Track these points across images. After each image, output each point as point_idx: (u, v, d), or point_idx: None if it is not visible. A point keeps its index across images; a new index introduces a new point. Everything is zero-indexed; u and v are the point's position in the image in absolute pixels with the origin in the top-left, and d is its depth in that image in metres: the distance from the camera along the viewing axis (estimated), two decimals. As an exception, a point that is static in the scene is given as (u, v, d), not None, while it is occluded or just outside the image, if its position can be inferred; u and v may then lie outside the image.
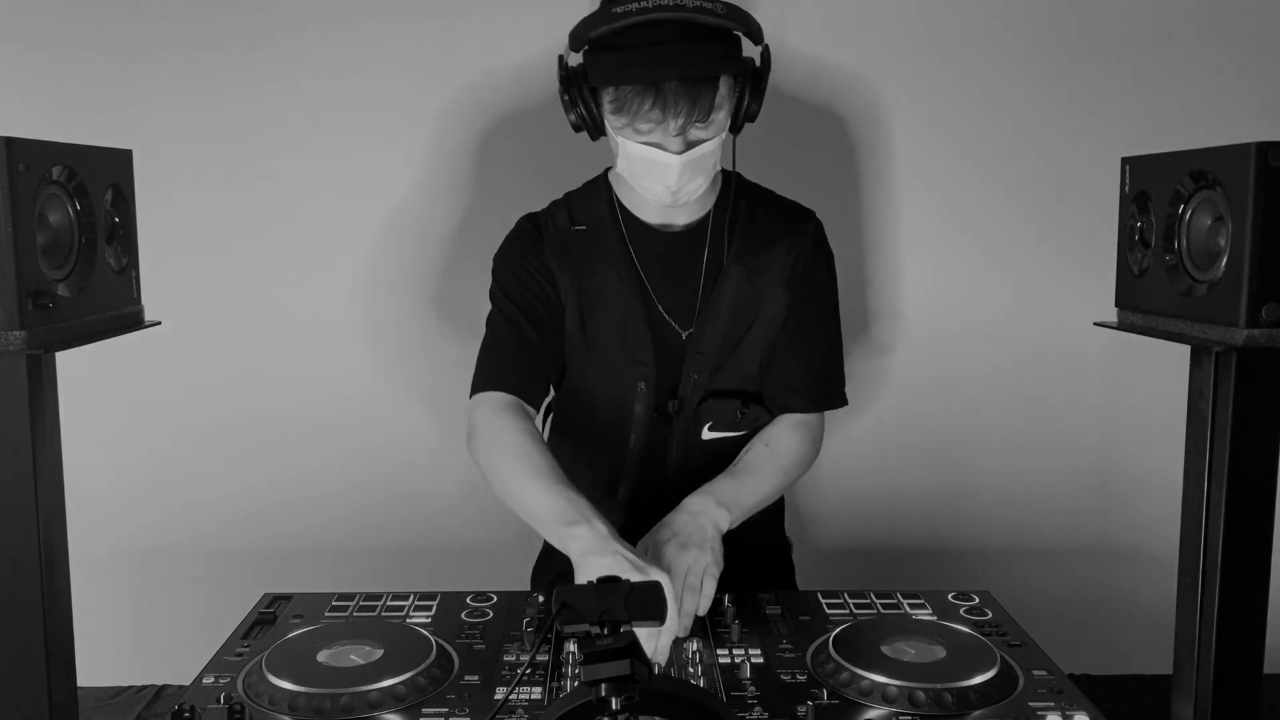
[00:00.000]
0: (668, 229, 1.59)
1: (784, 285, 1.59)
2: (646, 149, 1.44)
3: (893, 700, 1.18)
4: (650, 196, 1.52)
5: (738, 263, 1.57)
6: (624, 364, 1.58)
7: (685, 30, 1.37)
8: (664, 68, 1.37)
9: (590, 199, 1.63)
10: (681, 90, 1.38)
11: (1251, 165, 0.95)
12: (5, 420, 1.01)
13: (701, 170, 1.47)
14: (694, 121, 1.41)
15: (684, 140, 1.43)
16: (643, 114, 1.40)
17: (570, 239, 1.59)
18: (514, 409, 1.51)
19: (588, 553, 1.29)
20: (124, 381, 2.07)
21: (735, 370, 1.60)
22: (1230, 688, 1.06)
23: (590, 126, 1.49)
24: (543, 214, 1.64)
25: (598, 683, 0.91)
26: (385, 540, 2.15)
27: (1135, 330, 1.15)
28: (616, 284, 1.57)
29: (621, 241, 1.59)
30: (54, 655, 1.05)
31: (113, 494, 2.11)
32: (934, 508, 2.17)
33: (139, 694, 1.57)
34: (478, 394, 1.55)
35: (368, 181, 2.05)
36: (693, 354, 1.58)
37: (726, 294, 1.57)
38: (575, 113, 1.48)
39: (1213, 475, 1.05)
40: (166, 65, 2.00)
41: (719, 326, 1.57)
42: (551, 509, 1.36)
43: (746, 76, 1.48)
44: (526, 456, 1.43)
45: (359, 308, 2.09)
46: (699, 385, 1.59)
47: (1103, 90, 2.03)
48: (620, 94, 1.41)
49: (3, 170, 0.94)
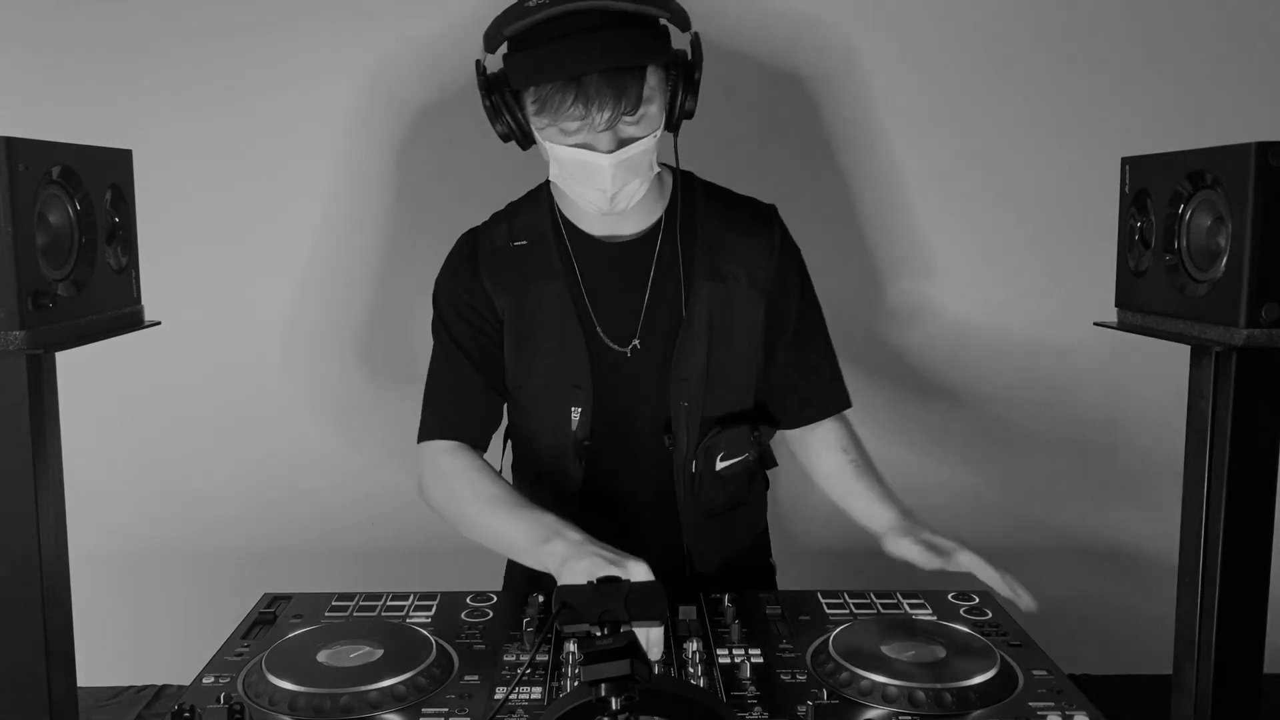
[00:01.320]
0: (614, 239, 1.51)
1: (760, 291, 1.52)
2: (575, 151, 1.35)
3: (893, 700, 1.17)
4: (586, 205, 1.43)
5: (704, 276, 1.50)
6: (559, 387, 1.51)
7: (603, 19, 1.28)
8: (584, 59, 1.28)
9: (532, 211, 1.55)
10: (604, 82, 1.28)
11: (1251, 165, 0.95)
12: (5, 420, 1.01)
13: (636, 172, 1.38)
14: (621, 115, 1.32)
15: (613, 137, 1.34)
16: (565, 112, 1.31)
17: (508, 256, 1.51)
18: (457, 450, 1.50)
19: (565, 560, 1.28)
20: (124, 381, 2.07)
21: (726, 392, 1.54)
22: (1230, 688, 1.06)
23: (519, 135, 1.40)
24: (482, 230, 1.57)
25: (598, 683, 0.91)
26: (385, 540, 2.15)
27: (1135, 330, 1.15)
28: (554, 302, 1.49)
29: (564, 256, 1.51)
30: (54, 655, 1.05)
31: (113, 494, 2.11)
32: (934, 508, 2.16)
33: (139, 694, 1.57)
34: (422, 443, 1.53)
35: (368, 181, 2.05)
36: (676, 381, 1.50)
37: (700, 311, 1.49)
38: (501, 121, 1.39)
39: (1213, 475, 1.05)
40: (166, 66, 2.00)
41: (698, 348, 1.50)
42: (521, 534, 1.36)
43: (678, 68, 1.38)
44: (480, 493, 1.43)
45: (358, 307, 2.09)
46: (693, 414, 1.52)
47: (1103, 90, 2.03)
48: (541, 93, 1.32)
49: (3, 170, 0.94)
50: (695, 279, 1.50)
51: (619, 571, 1.19)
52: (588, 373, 1.50)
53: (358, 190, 2.05)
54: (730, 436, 1.54)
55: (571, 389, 1.51)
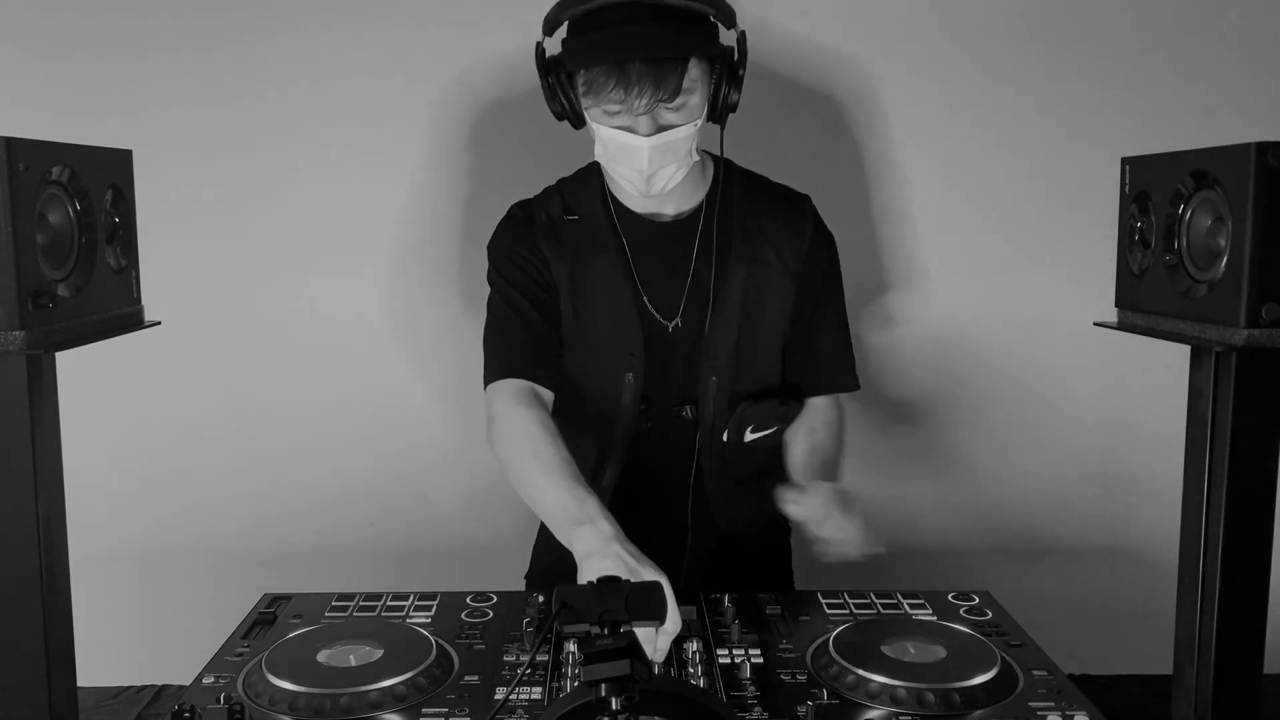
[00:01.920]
0: (657, 218, 1.58)
1: (789, 276, 1.58)
2: (616, 133, 1.43)
3: (894, 700, 1.18)
4: (624, 183, 1.51)
5: (740, 259, 1.56)
6: (614, 354, 1.57)
7: (651, 12, 1.37)
8: (628, 48, 1.37)
9: (582, 188, 1.62)
10: (646, 70, 1.37)
11: (1251, 165, 0.95)
12: (5, 420, 1.01)
13: (673, 157, 1.45)
14: (659, 102, 1.39)
15: (652, 122, 1.41)
16: (607, 95, 1.39)
17: (563, 228, 1.59)
18: (529, 398, 1.51)
19: (589, 554, 1.29)
20: (124, 381, 2.07)
21: (755, 369, 1.60)
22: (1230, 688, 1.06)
23: (571, 115, 1.49)
24: (535, 201, 1.63)
25: (598, 683, 0.91)
26: (385, 540, 2.15)
27: (1135, 330, 1.15)
28: (609, 274, 1.56)
29: (613, 231, 1.58)
30: (54, 655, 1.05)
31: (113, 494, 2.11)
32: (934, 508, 2.17)
33: (139, 694, 1.57)
34: (493, 383, 1.55)
35: (367, 181, 2.05)
36: (708, 358, 1.57)
37: (733, 292, 1.56)
38: (556, 101, 1.48)
39: (1213, 475, 1.05)
40: (166, 65, 2.00)
41: (730, 326, 1.57)
42: (560, 507, 1.36)
43: (722, 63, 1.45)
44: (539, 452, 1.43)
45: (358, 308, 2.09)
46: (722, 389, 1.58)
47: (1103, 90, 2.03)
48: (589, 76, 1.41)
49: (3, 170, 0.94)
50: (731, 260, 1.56)
51: (633, 578, 1.19)
52: (640, 342, 1.56)
53: (358, 190, 2.05)
54: (758, 410, 1.60)
55: (626, 356, 1.56)
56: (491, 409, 1.53)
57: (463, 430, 2.10)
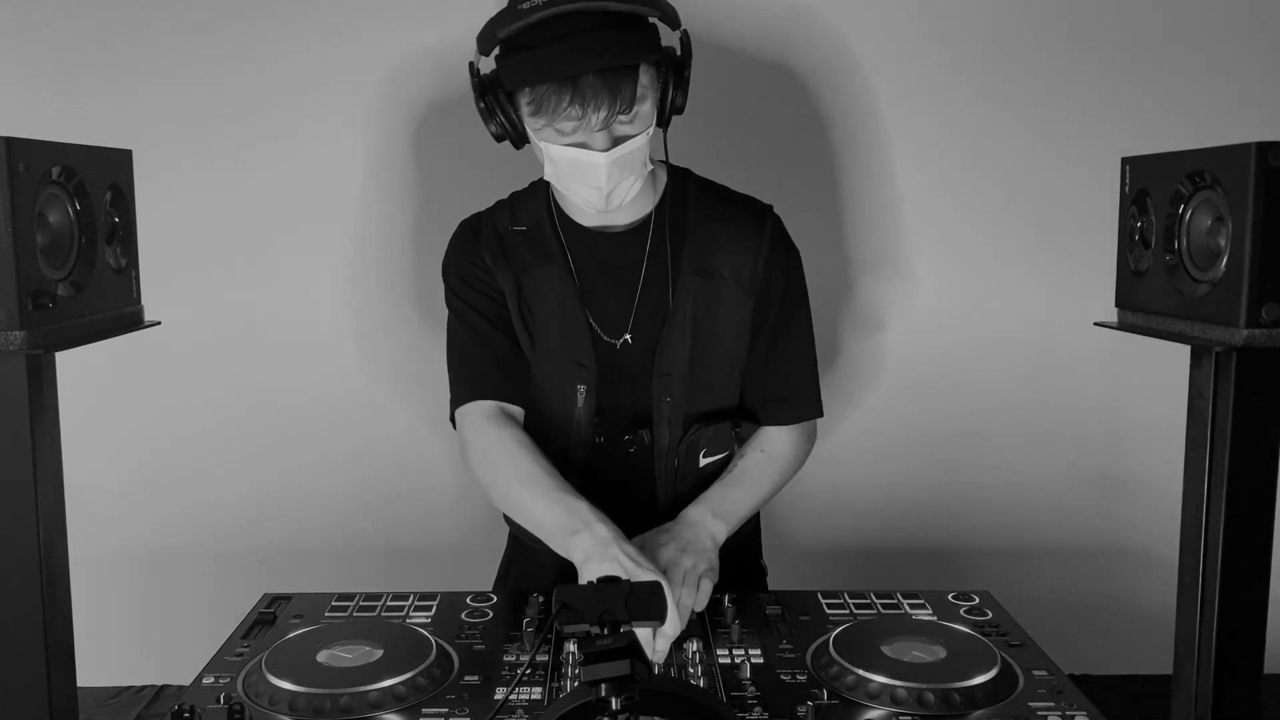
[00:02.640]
0: (606, 230, 1.53)
1: (746, 291, 1.51)
2: (571, 150, 1.37)
3: (894, 701, 1.17)
4: (581, 203, 1.45)
5: (692, 273, 1.50)
6: (563, 366, 1.52)
7: (597, 20, 1.30)
8: (579, 60, 1.29)
9: (531, 200, 1.57)
10: (600, 83, 1.30)
11: (1251, 165, 0.95)
12: (5, 420, 1.01)
13: (631, 169, 1.40)
14: (616, 115, 1.33)
15: (609, 136, 1.36)
16: (562, 112, 1.32)
17: (509, 239, 1.54)
18: (498, 417, 1.50)
19: (588, 559, 1.29)
20: (124, 381, 2.07)
21: (709, 389, 1.54)
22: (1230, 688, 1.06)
23: (513, 135, 1.42)
24: (484, 214, 1.59)
25: (598, 683, 0.91)
26: (385, 540, 2.15)
27: (1135, 330, 1.15)
28: (555, 285, 1.51)
29: (559, 244, 1.53)
30: (54, 655, 1.05)
31: (113, 494, 2.11)
32: (934, 508, 2.17)
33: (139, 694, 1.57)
34: (460, 407, 1.53)
35: (366, 181, 2.05)
36: (660, 376, 1.51)
37: (685, 309, 1.50)
38: (495, 122, 1.41)
39: (1213, 475, 1.05)
40: (167, 65, 2.00)
41: (682, 344, 1.50)
42: (552, 520, 1.36)
43: (668, 65, 1.39)
44: (519, 468, 1.43)
45: (359, 308, 2.09)
46: (676, 409, 1.52)
47: (1103, 90, 2.03)
48: (537, 94, 1.33)
49: (3, 170, 0.94)
50: (682, 274, 1.51)
51: (638, 578, 1.20)
52: (591, 351, 1.51)
53: (359, 190, 2.05)
54: (712, 433, 1.55)
55: (576, 368, 1.52)
56: (463, 434, 1.52)
57: (463, 430, 2.10)
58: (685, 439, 1.54)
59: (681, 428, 1.54)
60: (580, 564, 1.31)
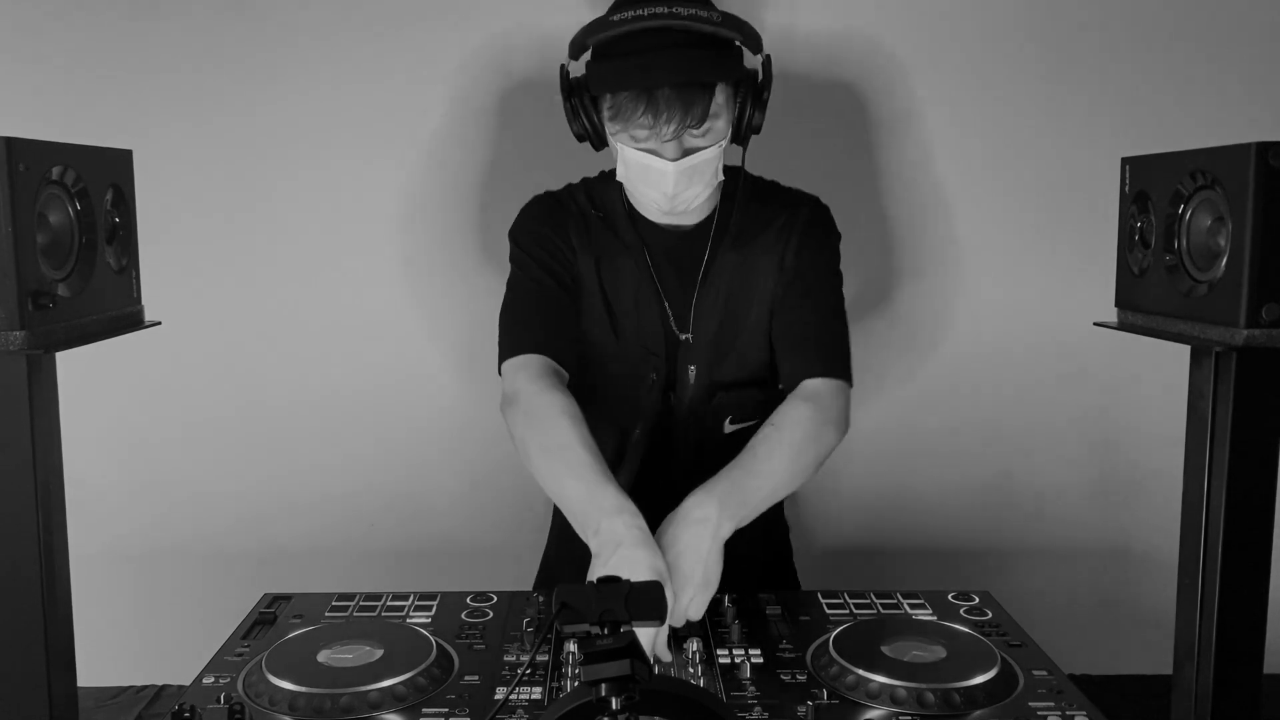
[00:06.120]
0: (676, 228, 1.59)
1: (777, 266, 1.58)
2: (642, 155, 1.45)
3: (894, 700, 1.18)
4: (648, 204, 1.53)
5: (732, 250, 1.57)
6: (638, 353, 1.58)
7: (680, 38, 1.39)
8: (656, 74, 1.38)
9: (606, 190, 1.61)
10: (674, 96, 1.38)
11: (1251, 165, 0.95)
12: (5, 420, 1.01)
13: (699, 179, 1.47)
14: (687, 128, 1.41)
15: (679, 147, 1.44)
16: (635, 120, 1.41)
17: (591, 221, 1.60)
18: (550, 375, 1.47)
19: (596, 555, 1.26)
20: (124, 381, 2.07)
21: (739, 360, 1.59)
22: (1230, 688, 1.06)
23: (593, 136, 1.50)
24: (561, 194, 1.64)
25: (598, 683, 0.91)
26: (385, 540, 2.15)
27: (1135, 330, 1.15)
28: (633, 273, 1.57)
29: (634, 235, 1.58)
30: (54, 655, 1.05)
31: (113, 494, 2.11)
32: (934, 508, 2.17)
33: (139, 694, 1.57)
34: (511, 359, 1.50)
35: (367, 181, 2.05)
36: (685, 346, 1.57)
37: (721, 283, 1.57)
38: (578, 123, 1.50)
39: (1213, 475, 1.05)
40: (167, 65, 2.00)
41: (713, 316, 1.57)
42: (578, 503, 1.32)
43: (747, 86, 1.47)
44: (559, 437, 1.38)
45: (358, 308, 2.09)
46: (700, 378, 1.58)
47: (1103, 90, 2.03)
48: (616, 101, 1.43)
49: (3, 170, 0.94)
50: (724, 253, 1.57)
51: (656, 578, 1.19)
52: (662, 341, 1.57)
53: (360, 190, 2.05)
54: (735, 399, 1.59)
55: (650, 356, 1.57)
56: (513, 385, 1.47)
57: (464, 431, 2.10)
58: (710, 405, 1.58)
59: (708, 395, 1.58)
60: (595, 552, 1.27)
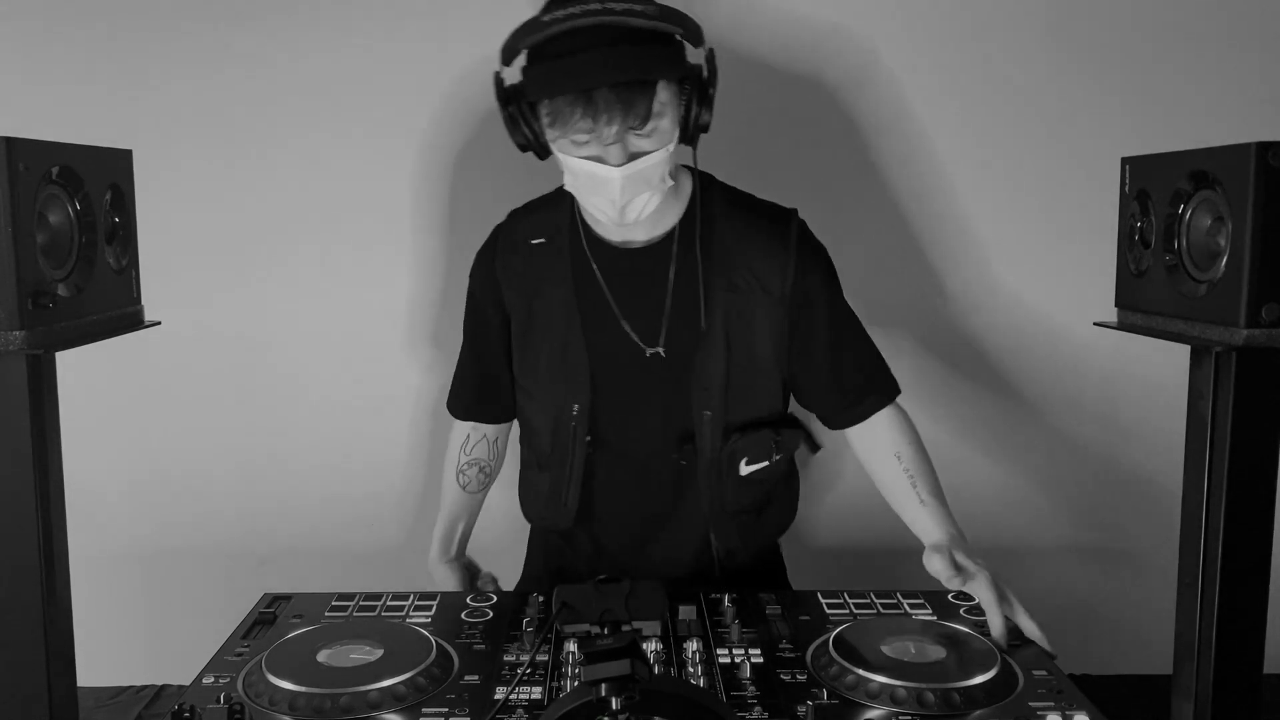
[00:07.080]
0: (628, 245, 1.53)
1: (777, 300, 1.52)
2: (586, 163, 1.37)
3: (894, 700, 1.17)
4: (598, 214, 1.46)
5: (721, 286, 1.51)
6: (559, 386, 1.55)
7: (615, 35, 1.30)
8: (593, 74, 1.30)
9: (552, 210, 1.57)
10: (613, 97, 1.30)
11: (1251, 165, 0.95)
12: (5, 420, 1.01)
13: (647, 184, 1.39)
14: (629, 129, 1.34)
15: (623, 150, 1.36)
16: (574, 124, 1.33)
17: (525, 253, 1.56)
18: (468, 439, 1.74)
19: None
20: (124, 381, 2.07)
21: (750, 398, 1.55)
22: (1230, 688, 1.06)
23: (535, 145, 1.42)
24: (501, 229, 1.62)
25: (598, 683, 0.91)
26: (385, 540, 2.15)
27: (1135, 330, 1.15)
28: (565, 301, 1.53)
29: (581, 256, 1.53)
30: (54, 655, 1.05)
31: (113, 494, 2.11)
32: (934, 508, 2.16)
33: (139, 694, 1.57)
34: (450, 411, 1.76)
35: (368, 181, 2.05)
36: (699, 391, 1.52)
37: (716, 322, 1.51)
38: (518, 132, 1.41)
39: (1213, 475, 1.05)
40: (167, 65, 2.00)
41: (717, 356, 1.51)
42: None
43: (692, 82, 1.38)
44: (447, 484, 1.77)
45: (358, 308, 2.09)
46: (715, 422, 1.53)
47: (1103, 90, 2.03)
48: (554, 106, 1.35)
49: (3, 170, 0.94)
50: (712, 289, 1.51)
51: None
52: (586, 370, 1.54)
53: (359, 191, 2.05)
54: (750, 441, 1.55)
55: (572, 385, 1.55)
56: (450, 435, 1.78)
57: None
58: (725, 448, 1.55)
59: (722, 437, 1.55)
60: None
